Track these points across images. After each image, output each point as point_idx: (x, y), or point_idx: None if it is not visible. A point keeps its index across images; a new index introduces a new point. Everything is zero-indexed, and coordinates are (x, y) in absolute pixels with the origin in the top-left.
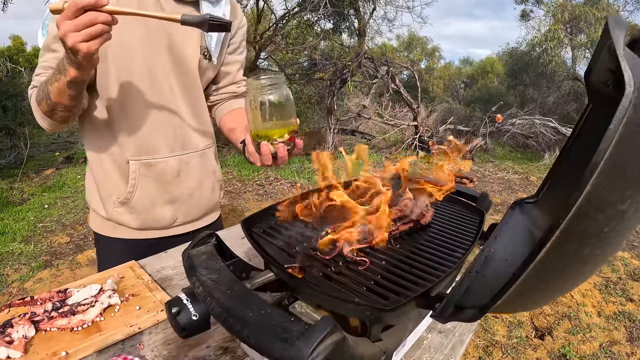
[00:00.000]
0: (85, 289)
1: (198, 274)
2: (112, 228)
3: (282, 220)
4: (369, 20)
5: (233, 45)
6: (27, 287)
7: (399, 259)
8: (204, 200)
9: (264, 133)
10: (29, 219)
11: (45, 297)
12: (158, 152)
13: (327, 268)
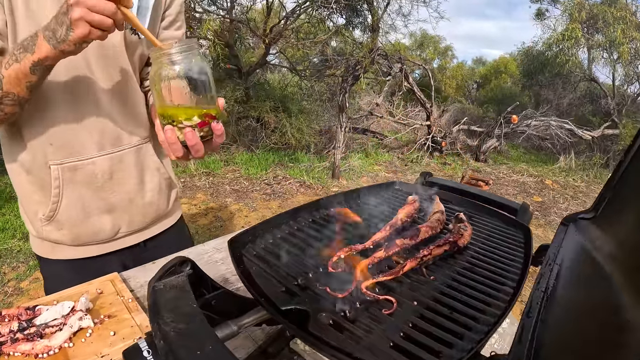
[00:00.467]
0: (56, 306)
1: (161, 320)
2: (50, 249)
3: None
4: (383, 14)
5: (169, 18)
6: (23, 287)
7: (435, 296)
8: (150, 205)
9: (169, 113)
10: None
11: (13, 314)
12: (83, 152)
13: (339, 312)
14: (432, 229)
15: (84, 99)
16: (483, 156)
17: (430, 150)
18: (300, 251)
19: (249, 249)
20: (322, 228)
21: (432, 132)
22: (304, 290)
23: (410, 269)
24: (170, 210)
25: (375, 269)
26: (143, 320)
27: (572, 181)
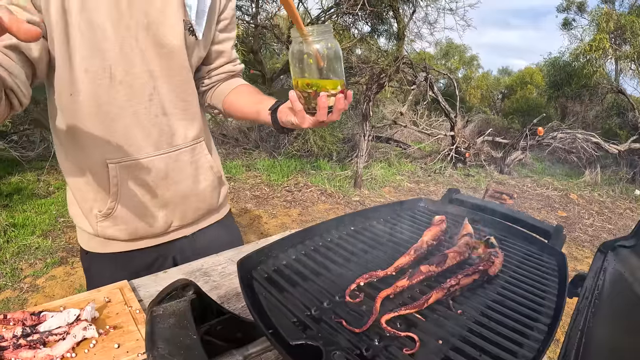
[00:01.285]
0: (62, 313)
1: (156, 350)
2: (101, 244)
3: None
4: (409, 22)
5: (224, 22)
6: (39, 284)
7: (462, 335)
8: (203, 201)
9: (316, 84)
10: (51, 212)
11: (18, 318)
12: (140, 151)
13: (355, 350)
14: (460, 254)
15: (143, 99)
16: (507, 168)
17: (453, 161)
18: (316, 276)
19: (260, 270)
20: (341, 249)
21: (456, 142)
22: (318, 323)
23: (435, 301)
24: (219, 206)
25: (397, 299)
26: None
27: (598, 196)
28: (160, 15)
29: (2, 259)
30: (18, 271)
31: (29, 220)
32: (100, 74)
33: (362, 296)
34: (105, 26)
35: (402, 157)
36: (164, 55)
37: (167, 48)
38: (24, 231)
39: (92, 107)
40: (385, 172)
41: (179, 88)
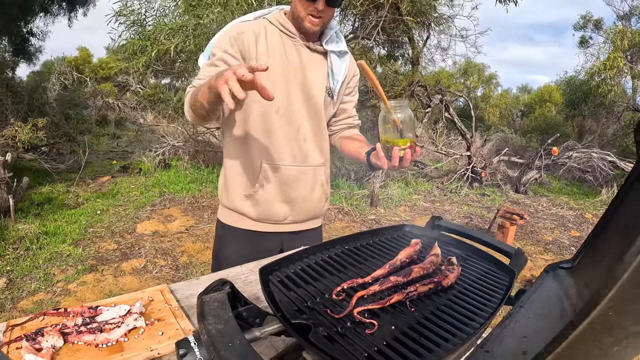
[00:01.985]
0: (115, 308)
1: (206, 321)
2: (235, 219)
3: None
4: (423, 48)
5: (349, 89)
6: (70, 289)
7: (410, 324)
8: (312, 207)
9: (393, 141)
10: (81, 222)
11: (77, 311)
12: (283, 160)
13: (333, 328)
14: (424, 269)
15: (293, 128)
16: (523, 188)
17: (469, 180)
18: (314, 280)
19: (275, 275)
20: (335, 263)
21: (472, 162)
22: (311, 310)
23: (396, 301)
24: (319, 216)
25: (369, 299)
26: (186, 325)
27: None
28: (312, 80)
29: (35, 264)
30: (50, 276)
31: (60, 229)
32: (268, 108)
33: (344, 295)
34: (277, 79)
35: (419, 177)
36: (310, 105)
37: (313, 101)
38: (55, 239)
39: (259, 126)
40: (402, 191)
41: (317, 127)
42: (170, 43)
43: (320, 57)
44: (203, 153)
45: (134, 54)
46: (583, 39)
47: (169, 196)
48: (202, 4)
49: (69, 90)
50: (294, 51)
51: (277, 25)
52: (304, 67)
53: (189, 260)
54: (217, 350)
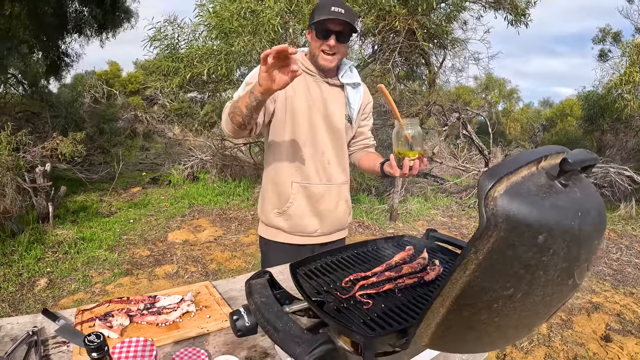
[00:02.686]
0: (170, 297)
1: (253, 296)
2: (273, 233)
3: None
4: (439, 70)
5: (364, 115)
6: (108, 290)
7: (396, 305)
8: (337, 219)
9: (404, 153)
10: (115, 230)
11: (138, 299)
12: (311, 179)
13: (341, 304)
14: (412, 268)
15: (318, 153)
16: None
17: None
18: (329, 274)
19: (300, 269)
20: (347, 262)
21: None
22: (326, 293)
23: (388, 289)
24: (345, 227)
25: (368, 287)
26: (228, 310)
27: (631, 230)
28: (333, 110)
29: (74, 266)
30: (89, 278)
31: (96, 236)
32: (298, 135)
33: (350, 284)
34: (303, 111)
35: (438, 192)
36: (332, 132)
37: (334, 128)
38: (92, 245)
39: (290, 152)
40: (421, 206)
41: (339, 151)
42: (203, 66)
43: (338, 89)
44: (230, 167)
45: (167, 75)
46: (602, 52)
47: (197, 208)
48: (233, 32)
49: (100, 103)
50: (315, 87)
51: (299, 65)
52: (325, 99)
53: (218, 267)
54: (262, 314)
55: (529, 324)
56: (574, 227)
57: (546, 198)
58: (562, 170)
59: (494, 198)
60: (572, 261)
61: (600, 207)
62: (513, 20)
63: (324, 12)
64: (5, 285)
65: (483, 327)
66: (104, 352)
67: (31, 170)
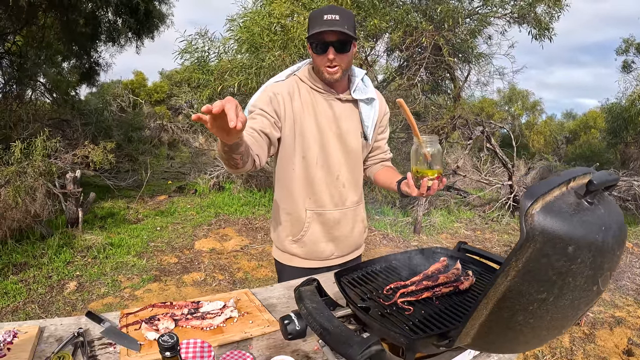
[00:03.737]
0: (213, 303)
1: (305, 302)
2: (288, 258)
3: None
4: (464, 84)
5: (381, 128)
6: (137, 295)
7: (435, 311)
8: (354, 241)
9: (423, 172)
10: (143, 237)
11: (181, 304)
12: (326, 206)
13: (384, 310)
14: (447, 277)
15: (332, 177)
16: None
17: (511, 209)
18: (370, 282)
19: (345, 278)
20: (387, 271)
21: (514, 191)
22: (370, 300)
23: (426, 297)
24: (361, 246)
25: (408, 295)
26: (270, 317)
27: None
28: (347, 129)
29: (103, 271)
30: (118, 282)
31: (124, 242)
32: (310, 160)
33: (391, 292)
34: (313, 133)
35: (461, 205)
36: (347, 152)
37: (349, 148)
38: (120, 250)
39: (302, 177)
40: (444, 219)
41: (354, 172)
42: (233, 80)
43: (351, 106)
44: (255, 177)
45: (197, 87)
46: (625, 64)
47: (223, 217)
48: (263, 46)
49: (127, 112)
50: (325, 105)
51: (307, 82)
52: (338, 118)
53: (245, 276)
54: (314, 318)
55: (558, 326)
56: (598, 240)
57: (575, 215)
58: (588, 190)
59: (531, 215)
60: (597, 269)
61: (621, 222)
62: (537, 34)
63: (317, 23)
64: (35, 287)
65: (519, 328)
66: (176, 351)
67: (61, 176)
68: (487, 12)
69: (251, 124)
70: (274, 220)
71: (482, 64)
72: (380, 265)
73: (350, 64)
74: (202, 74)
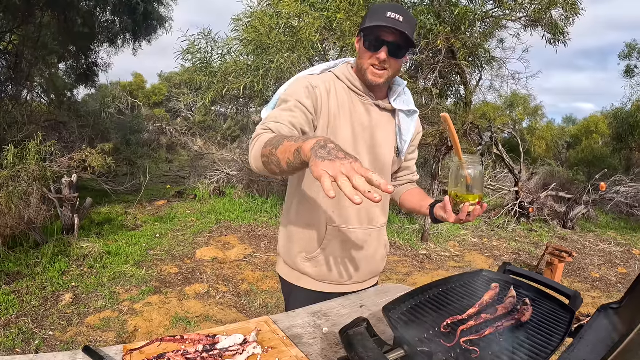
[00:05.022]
0: (231, 337)
1: (357, 350)
2: (296, 277)
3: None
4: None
5: (412, 147)
6: (136, 308)
7: (501, 351)
8: (375, 267)
9: (462, 196)
10: (141, 245)
11: (194, 339)
12: (350, 223)
13: (448, 354)
14: (505, 309)
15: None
16: (570, 223)
17: (517, 216)
18: (422, 317)
19: (393, 312)
20: (437, 303)
21: (520, 198)
22: (429, 341)
23: (489, 333)
24: (380, 273)
25: (468, 331)
26: (298, 352)
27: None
28: (381, 141)
29: (100, 282)
30: (116, 295)
31: (122, 250)
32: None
33: (449, 329)
34: (346, 139)
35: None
36: (378, 167)
37: (381, 163)
38: (118, 259)
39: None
40: (451, 226)
41: None
42: (238, 82)
43: (388, 115)
44: (257, 183)
45: (199, 89)
46: (628, 68)
47: (225, 224)
48: (272, 47)
49: (124, 114)
50: (362, 110)
51: (344, 81)
52: (373, 127)
53: (250, 288)
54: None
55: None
56: None
57: None
58: None
59: None
60: None
61: None
62: (552, 38)
63: (377, 18)
64: (28, 299)
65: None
66: None
67: (57, 181)
68: (501, 15)
69: (290, 118)
70: (286, 232)
71: (495, 68)
72: (427, 295)
73: (398, 73)
74: (205, 76)
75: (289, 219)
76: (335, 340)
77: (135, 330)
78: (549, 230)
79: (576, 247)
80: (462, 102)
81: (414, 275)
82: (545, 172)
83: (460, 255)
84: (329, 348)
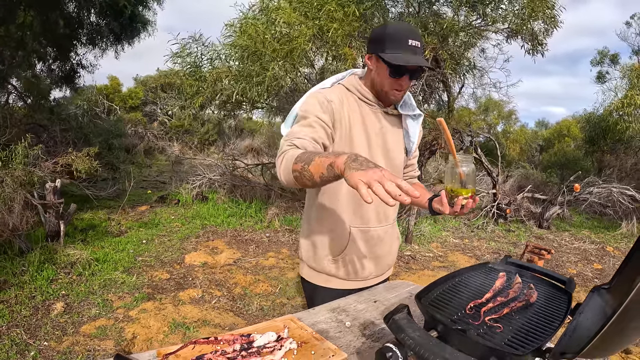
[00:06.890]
0: (265, 335)
1: (407, 332)
2: (324, 280)
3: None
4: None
5: (415, 152)
6: (132, 315)
7: (518, 326)
8: (392, 259)
9: (457, 191)
10: (129, 251)
11: (229, 339)
12: (370, 222)
13: (478, 330)
14: (515, 292)
15: None
16: (546, 223)
17: (495, 217)
18: (448, 302)
19: (424, 300)
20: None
21: (497, 199)
22: (460, 320)
23: (506, 313)
24: (393, 265)
25: (489, 312)
26: (330, 345)
27: None
28: (392, 144)
29: (91, 289)
30: (109, 302)
31: (109, 257)
32: None
33: (473, 311)
34: (361, 146)
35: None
36: (392, 167)
37: (393, 162)
38: (107, 266)
39: (350, 191)
40: (432, 228)
41: None
42: (232, 87)
43: (396, 120)
44: (240, 188)
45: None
46: (600, 74)
47: (211, 228)
48: (265, 55)
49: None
50: (373, 118)
51: (354, 92)
52: (384, 132)
53: (244, 291)
54: (424, 347)
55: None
56: None
57: None
58: None
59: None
60: None
61: None
62: (530, 49)
63: (399, 47)
64: (18, 309)
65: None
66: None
67: (40, 186)
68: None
69: (312, 133)
70: (309, 239)
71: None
72: (447, 285)
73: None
74: (194, 81)
75: (310, 228)
76: (358, 332)
77: (134, 337)
78: (526, 230)
79: (552, 245)
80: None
81: (402, 276)
82: (520, 175)
83: (444, 256)
84: (355, 339)
